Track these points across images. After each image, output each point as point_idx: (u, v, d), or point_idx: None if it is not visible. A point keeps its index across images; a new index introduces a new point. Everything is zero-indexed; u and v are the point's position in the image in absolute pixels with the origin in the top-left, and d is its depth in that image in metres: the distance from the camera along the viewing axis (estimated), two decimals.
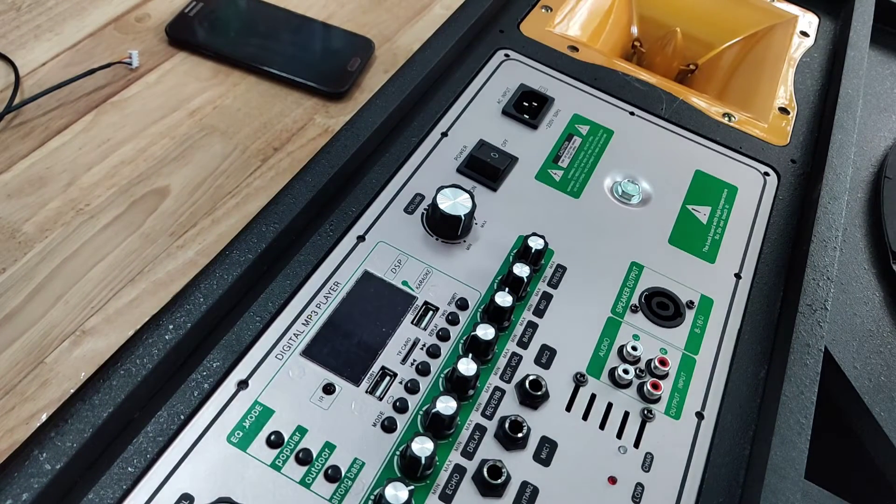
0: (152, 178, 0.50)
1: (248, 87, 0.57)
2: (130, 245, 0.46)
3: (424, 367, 0.38)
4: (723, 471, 0.38)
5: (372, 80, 0.60)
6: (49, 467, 0.30)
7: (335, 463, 0.34)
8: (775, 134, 0.56)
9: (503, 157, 0.48)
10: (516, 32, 0.59)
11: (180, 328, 0.36)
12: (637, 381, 0.40)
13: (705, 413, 0.40)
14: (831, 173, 0.51)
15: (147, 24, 0.60)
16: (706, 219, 0.49)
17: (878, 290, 0.49)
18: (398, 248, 0.43)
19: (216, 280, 0.38)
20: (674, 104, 0.56)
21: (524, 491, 0.35)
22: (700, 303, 0.44)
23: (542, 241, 0.43)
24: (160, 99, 0.55)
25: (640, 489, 0.36)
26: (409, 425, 0.36)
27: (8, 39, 0.56)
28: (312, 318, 0.39)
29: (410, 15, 0.66)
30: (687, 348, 0.42)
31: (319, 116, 0.56)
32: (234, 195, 0.50)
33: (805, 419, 0.38)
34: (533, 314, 0.42)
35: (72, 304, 0.43)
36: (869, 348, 0.46)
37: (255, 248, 0.39)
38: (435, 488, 0.34)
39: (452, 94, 0.52)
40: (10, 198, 0.47)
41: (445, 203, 0.43)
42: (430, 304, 0.41)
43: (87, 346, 0.41)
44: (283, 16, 0.62)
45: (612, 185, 0.50)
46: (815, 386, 0.39)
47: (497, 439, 0.36)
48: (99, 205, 0.48)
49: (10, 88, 0.53)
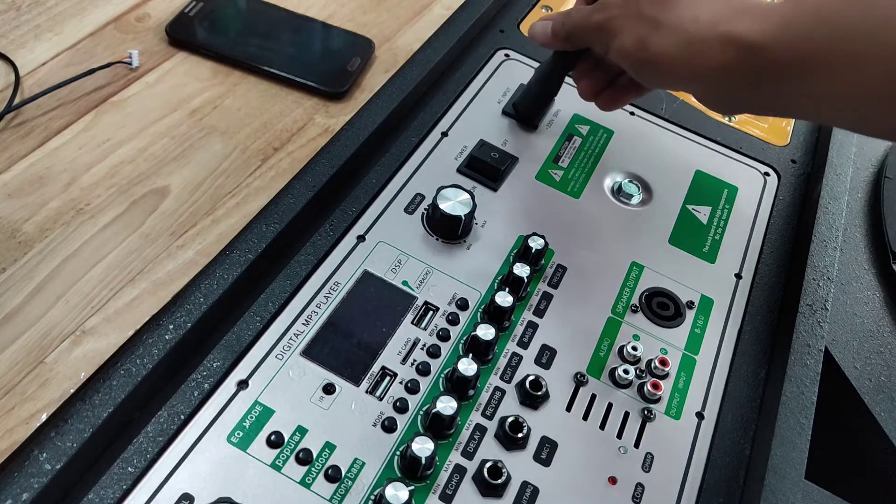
0: (152, 177, 0.50)
1: (248, 86, 0.57)
2: (130, 245, 0.46)
3: (425, 367, 0.38)
4: (723, 471, 0.38)
5: (372, 79, 0.60)
6: (49, 467, 0.30)
7: (335, 463, 0.34)
8: (775, 134, 0.56)
9: (503, 157, 0.48)
10: (516, 32, 0.59)
11: (180, 328, 0.36)
12: (637, 382, 0.40)
13: (705, 413, 0.40)
14: (831, 173, 0.51)
15: (147, 23, 0.60)
16: (706, 219, 0.49)
17: (878, 290, 0.49)
18: (398, 248, 0.43)
19: (216, 280, 0.38)
20: (674, 104, 0.56)
21: (524, 491, 0.35)
22: (700, 303, 0.44)
23: (543, 241, 0.43)
24: (160, 99, 0.55)
25: (640, 489, 0.36)
26: (409, 425, 0.36)
27: (8, 39, 0.56)
28: (312, 318, 0.39)
29: (410, 15, 0.66)
30: (687, 348, 0.42)
31: (319, 116, 0.56)
32: (234, 195, 0.50)
33: (805, 419, 0.38)
34: (533, 314, 0.42)
35: (72, 304, 0.43)
36: (869, 348, 0.46)
37: (256, 247, 0.39)
38: (435, 488, 0.34)
39: (453, 93, 0.52)
40: (9, 197, 0.47)
41: (446, 203, 0.43)
42: (430, 304, 0.41)
43: (87, 345, 0.41)
44: (284, 16, 0.62)
45: (612, 185, 0.50)
46: (815, 386, 0.39)
47: (497, 439, 0.36)
48: (99, 204, 0.48)
49: (10, 88, 0.53)
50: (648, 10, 0.38)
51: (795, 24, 0.33)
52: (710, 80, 0.37)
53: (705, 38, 0.35)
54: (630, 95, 0.47)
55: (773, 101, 0.36)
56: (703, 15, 0.36)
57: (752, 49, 0.34)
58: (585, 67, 0.47)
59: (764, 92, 0.36)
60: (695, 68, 0.36)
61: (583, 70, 0.47)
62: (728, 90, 0.37)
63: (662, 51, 0.37)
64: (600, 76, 0.46)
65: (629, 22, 0.38)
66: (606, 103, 0.47)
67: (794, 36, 0.33)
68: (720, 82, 0.36)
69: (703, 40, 0.35)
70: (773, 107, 0.38)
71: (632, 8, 0.38)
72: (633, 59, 0.39)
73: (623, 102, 0.47)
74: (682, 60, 0.37)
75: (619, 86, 0.46)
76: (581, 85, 0.47)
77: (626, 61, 0.40)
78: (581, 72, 0.47)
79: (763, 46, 0.34)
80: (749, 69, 0.35)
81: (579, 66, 0.47)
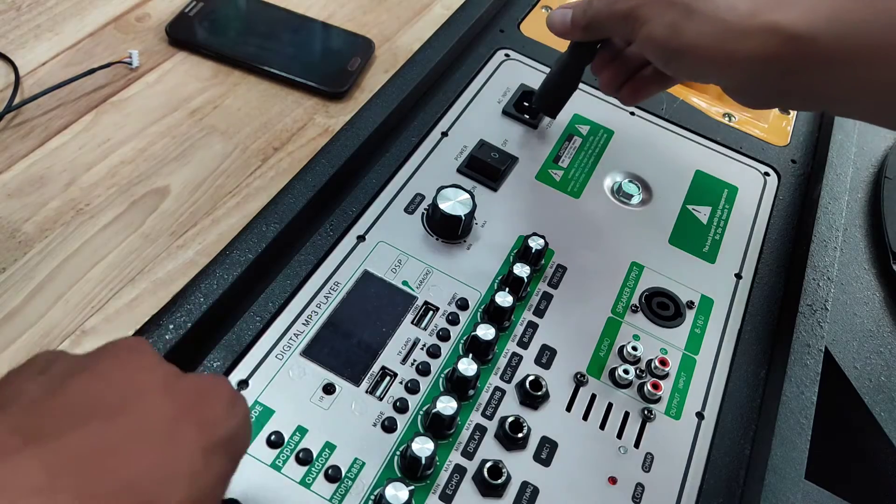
0: (152, 177, 0.50)
1: (248, 86, 0.57)
2: (130, 245, 0.46)
3: (425, 367, 0.38)
4: (723, 471, 0.38)
5: (372, 79, 0.60)
6: None
7: (335, 463, 0.34)
8: (775, 134, 0.56)
9: (503, 157, 0.48)
10: (516, 32, 0.59)
11: (180, 328, 0.36)
12: (637, 382, 0.40)
13: (705, 413, 0.40)
14: (831, 173, 0.51)
15: (147, 23, 0.60)
16: (706, 219, 0.49)
17: (878, 290, 0.49)
18: (398, 248, 0.43)
19: (216, 280, 0.38)
20: (674, 104, 0.56)
21: (524, 491, 0.35)
22: (700, 303, 0.44)
23: (543, 241, 0.43)
24: (160, 99, 0.55)
25: (640, 489, 0.36)
26: (409, 425, 0.36)
27: (8, 39, 0.56)
28: (313, 317, 0.39)
29: (411, 15, 0.66)
30: (687, 348, 0.42)
31: (319, 116, 0.56)
32: (234, 195, 0.50)
33: (805, 419, 0.38)
34: (533, 314, 0.42)
35: (72, 304, 0.43)
36: (869, 348, 0.46)
37: (256, 247, 0.39)
38: (435, 488, 0.34)
39: (453, 93, 0.52)
40: (9, 197, 0.47)
41: (446, 203, 0.43)
42: (430, 304, 0.41)
43: (87, 345, 0.41)
44: (284, 16, 0.62)
45: (612, 185, 0.50)
46: (815, 386, 0.39)
47: (497, 439, 0.36)
48: (99, 204, 0.48)
49: (10, 88, 0.53)
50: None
51: (846, 14, 0.32)
52: (746, 70, 0.35)
53: (744, 26, 0.34)
54: (653, 88, 0.45)
55: (809, 94, 0.36)
56: (741, 2, 0.35)
57: (799, 39, 0.33)
58: (606, 58, 0.45)
59: (803, 84, 0.35)
60: (732, 58, 0.35)
61: (603, 61, 0.45)
62: (764, 81, 0.36)
63: (696, 39, 0.36)
64: (621, 68, 0.45)
65: (659, 9, 0.37)
66: (629, 96, 0.46)
67: (844, 26, 0.32)
68: (757, 73, 0.35)
69: (742, 29, 0.34)
70: (807, 100, 0.37)
71: None
72: (664, 48, 0.38)
73: (646, 95, 0.46)
74: (718, 49, 0.35)
75: (641, 78, 0.45)
76: (602, 77, 0.46)
77: (655, 51, 0.38)
78: (601, 63, 0.45)
79: (811, 37, 0.33)
80: (791, 60, 0.34)
81: (599, 57, 0.45)
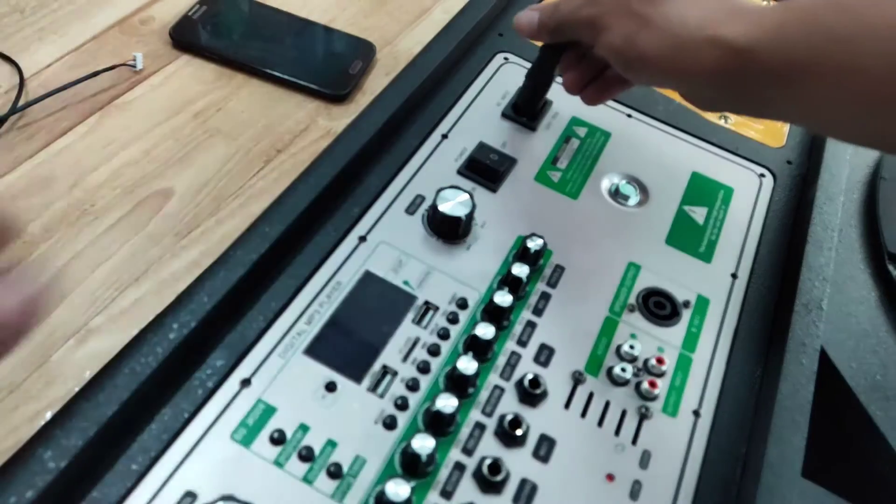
0: (157, 179, 0.51)
1: (251, 89, 0.58)
2: (135, 245, 0.47)
3: (425, 366, 0.38)
4: (719, 468, 0.38)
5: (373, 82, 0.60)
6: (53, 465, 0.31)
7: (337, 460, 0.35)
8: (771, 135, 0.57)
9: (502, 158, 0.49)
10: (515, 36, 0.59)
11: (184, 327, 0.36)
12: (634, 380, 0.40)
13: (702, 411, 0.40)
14: (827, 174, 0.51)
15: (151, 26, 0.60)
16: (703, 219, 0.50)
17: (873, 290, 0.50)
18: (399, 249, 0.43)
19: (220, 280, 0.38)
20: (670, 106, 0.56)
21: (523, 488, 0.36)
22: (697, 302, 0.45)
23: (541, 242, 0.43)
24: (164, 101, 0.55)
25: (637, 486, 0.37)
26: (410, 423, 0.36)
27: (12, 41, 0.57)
28: (315, 317, 0.39)
29: (411, 19, 0.67)
30: (684, 347, 0.43)
31: (322, 119, 0.57)
32: (237, 196, 0.51)
33: (801, 417, 0.38)
34: (532, 313, 0.42)
35: (77, 304, 0.43)
36: (865, 348, 0.46)
37: (259, 248, 0.40)
38: (436, 485, 0.35)
39: (453, 96, 0.53)
40: (15, 199, 0.48)
41: (446, 204, 0.43)
42: (430, 303, 0.41)
43: (92, 345, 0.42)
44: (286, 19, 0.63)
45: (609, 187, 0.50)
46: (810, 385, 0.40)
47: (497, 437, 0.37)
48: (104, 206, 0.48)
49: (14, 90, 0.53)
50: (638, 7, 0.38)
51: (786, 30, 0.33)
52: (696, 80, 0.37)
53: (693, 39, 0.36)
54: (616, 89, 0.47)
55: (756, 104, 0.37)
56: (691, 16, 0.36)
57: (741, 53, 0.34)
58: (572, 60, 0.47)
59: (749, 95, 0.36)
60: (681, 68, 0.37)
61: (569, 62, 0.47)
62: (713, 91, 0.37)
63: (649, 50, 0.37)
64: (586, 69, 0.46)
65: (618, 18, 0.39)
66: (592, 97, 0.48)
67: (784, 42, 0.33)
68: (706, 83, 0.37)
69: (691, 41, 0.36)
70: (757, 109, 0.38)
71: (622, 4, 0.39)
72: (621, 56, 0.39)
73: (609, 97, 0.48)
74: (669, 60, 0.37)
75: (605, 79, 0.47)
76: (567, 77, 0.47)
77: (613, 57, 0.40)
78: (567, 64, 0.47)
79: (752, 51, 0.34)
80: (736, 73, 0.35)
81: (565, 58, 0.47)
